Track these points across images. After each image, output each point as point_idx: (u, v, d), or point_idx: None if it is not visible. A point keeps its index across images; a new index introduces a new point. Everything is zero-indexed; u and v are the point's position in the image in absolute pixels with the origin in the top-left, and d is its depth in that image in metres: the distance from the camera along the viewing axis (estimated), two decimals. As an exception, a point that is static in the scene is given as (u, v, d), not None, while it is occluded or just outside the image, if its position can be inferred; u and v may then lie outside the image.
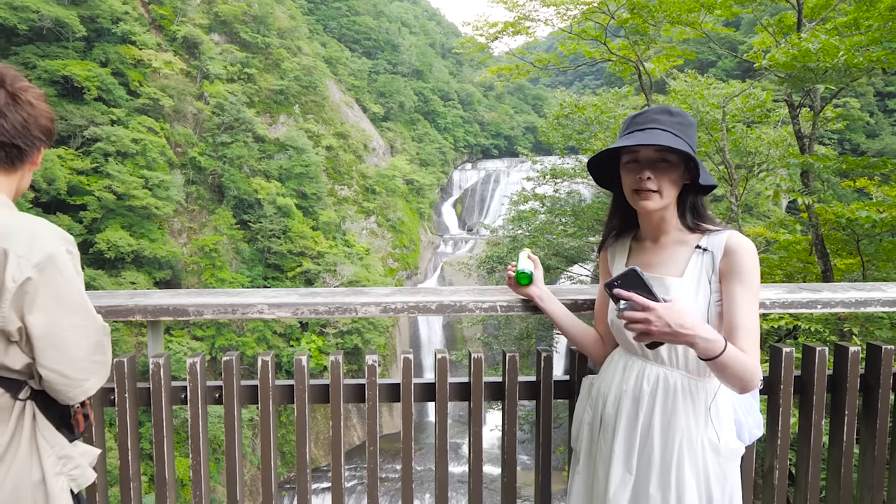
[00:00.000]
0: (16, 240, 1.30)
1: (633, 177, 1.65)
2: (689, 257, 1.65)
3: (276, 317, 1.91)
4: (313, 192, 34.06)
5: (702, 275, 1.62)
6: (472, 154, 57.67)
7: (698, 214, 1.69)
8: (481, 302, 1.95)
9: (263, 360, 1.95)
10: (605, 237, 1.90)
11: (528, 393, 2.02)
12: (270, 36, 37.76)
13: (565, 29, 12.47)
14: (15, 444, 1.37)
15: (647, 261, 1.75)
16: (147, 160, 27.86)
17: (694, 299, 1.60)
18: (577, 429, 1.86)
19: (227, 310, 1.91)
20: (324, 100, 39.87)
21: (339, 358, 1.97)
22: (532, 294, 1.98)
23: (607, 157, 1.76)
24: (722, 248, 1.60)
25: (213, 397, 1.97)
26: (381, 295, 2.00)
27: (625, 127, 1.71)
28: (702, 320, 1.46)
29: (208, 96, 32.87)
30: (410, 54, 56.17)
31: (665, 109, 1.66)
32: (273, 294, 2.03)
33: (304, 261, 31.30)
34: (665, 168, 1.62)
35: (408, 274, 38.37)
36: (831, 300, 1.93)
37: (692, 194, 1.69)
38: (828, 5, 9.76)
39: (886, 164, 9.64)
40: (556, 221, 15.09)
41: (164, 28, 33.58)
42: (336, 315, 1.92)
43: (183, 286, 28.26)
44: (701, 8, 10.24)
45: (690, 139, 1.64)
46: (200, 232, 30.50)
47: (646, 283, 1.43)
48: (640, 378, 1.68)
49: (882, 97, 37.75)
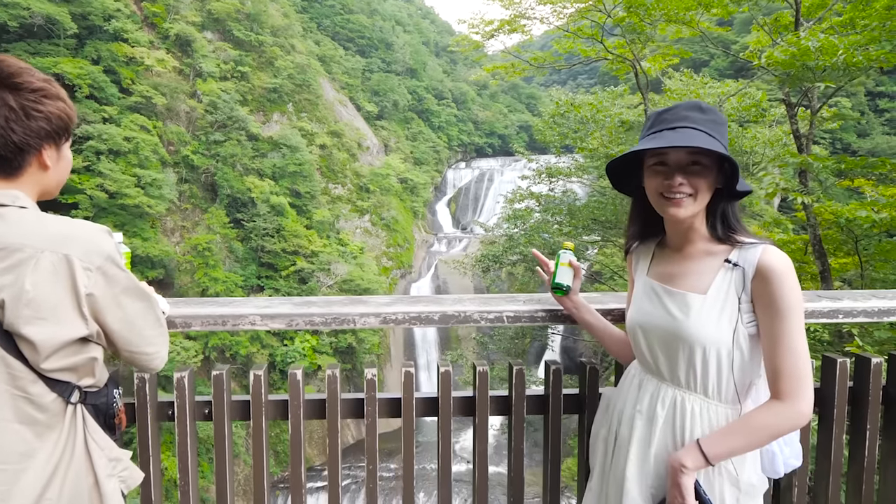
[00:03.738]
0: (74, 245, 1.31)
1: (660, 181, 1.50)
2: (717, 272, 1.50)
3: (270, 328, 1.80)
4: (307, 190, 33.90)
5: (729, 293, 1.47)
6: (466, 153, 57.59)
7: (729, 224, 1.54)
8: (487, 312, 1.84)
9: (256, 374, 1.83)
10: (627, 244, 1.79)
11: (535, 407, 1.93)
12: (264, 34, 37.54)
13: (561, 27, 12.40)
14: (69, 449, 1.36)
15: (668, 271, 1.62)
16: (139, 158, 27.63)
17: (717, 320, 1.46)
18: (594, 444, 1.76)
19: (217, 321, 1.79)
20: (317, 98, 39.69)
21: (336, 372, 1.85)
22: (566, 306, 1.88)
23: (627, 158, 1.61)
24: (754, 266, 1.44)
25: (203, 413, 1.86)
26: (380, 305, 1.89)
27: (649, 124, 1.56)
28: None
29: (201, 94, 32.64)
30: (404, 53, 56.04)
31: (696, 105, 1.50)
32: (266, 304, 1.91)
33: (298, 259, 31.15)
34: (698, 172, 1.47)
35: (402, 273, 38.27)
36: (853, 309, 1.84)
37: (724, 201, 1.54)
38: (824, 5, 9.73)
39: (885, 164, 9.61)
40: (552, 220, 15.05)
41: (157, 25, 33.31)
42: (333, 326, 1.81)
43: (176, 285, 28.08)
44: (698, 6, 10.19)
45: (724, 139, 1.49)
46: (193, 231, 30.29)
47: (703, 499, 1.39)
48: (654, 399, 1.56)
49: (873, 97, 37.93)
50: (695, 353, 1.47)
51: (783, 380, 1.39)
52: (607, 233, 14.50)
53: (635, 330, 1.64)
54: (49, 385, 1.31)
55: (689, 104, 1.50)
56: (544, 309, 1.90)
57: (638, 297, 1.68)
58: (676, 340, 1.50)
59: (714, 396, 1.49)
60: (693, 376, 1.49)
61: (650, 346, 1.59)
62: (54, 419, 1.33)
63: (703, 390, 1.49)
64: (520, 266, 16.21)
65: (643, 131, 1.57)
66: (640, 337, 1.62)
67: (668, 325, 1.53)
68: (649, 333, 1.59)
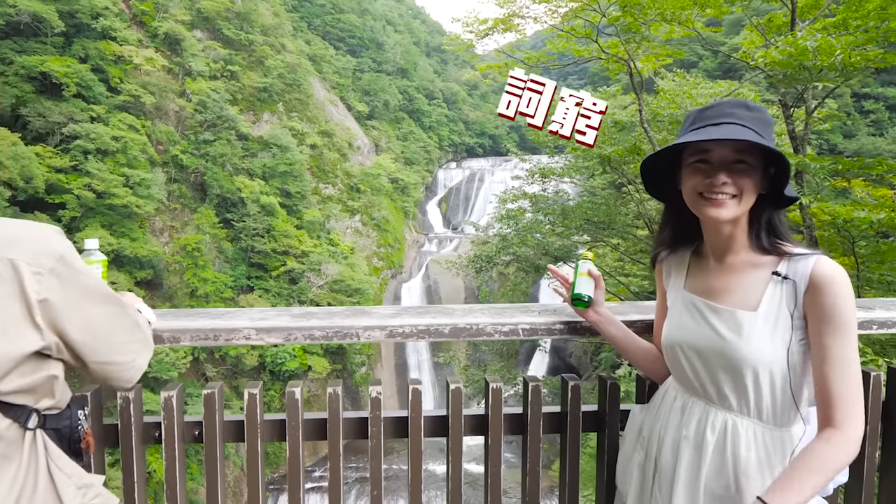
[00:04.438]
0: (19, 248, 1.14)
1: (700, 179, 1.38)
2: (766, 286, 1.38)
3: (266, 342, 1.66)
4: (297, 190, 33.72)
5: (781, 309, 1.35)
6: (457, 153, 57.57)
7: (776, 233, 1.42)
8: (501, 325, 1.71)
9: (251, 392, 1.69)
10: (655, 252, 1.66)
11: (552, 426, 1.80)
12: (254, 33, 37.31)
13: (555, 26, 12.33)
14: (31, 481, 1.19)
15: (710, 285, 1.48)
16: (128, 158, 27.36)
17: (770, 339, 1.34)
18: (625, 468, 1.65)
19: (209, 335, 1.67)
20: (308, 98, 39.51)
21: (339, 390, 1.71)
22: (590, 318, 1.73)
23: (663, 157, 1.48)
24: (807, 279, 1.32)
25: (193, 435, 1.72)
26: (385, 316, 1.76)
27: (689, 121, 1.44)
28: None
29: (190, 93, 32.37)
30: (395, 53, 55.96)
31: (741, 103, 1.38)
32: (261, 316, 1.78)
33: (289, 260, 30.96)
34: (743, 171, 1.35)
35: (393, 273, 38.19)
36: (888, 320, 1.73)
37: (769, 208, 1.42)
38: (818, 5, 9.73)
39: (882, 165, 9.61)
40: (544, 220, 14.98)
41: (146, 24, 33.00)
42: (335, 340, 1.67)
43: (164, 286, 27.83)
44: (694, 5, 10.16)
45: (771, 139, 1.36)
46: (182, 231, 30.05)
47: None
48: (702, 424, 1.43)
49: (858, 98, 38.26)
50: (747, 375, 1.36)
51: (838, 405, 1.27)
52: (599, 233, 14.46)
53: (675, 349, 1.51)
54: (2, 411, 1.15)
55: (733, 101, 1.39)
56: (562, 321, 1.78)
57: (676, 312, 1.55)
58: (727, 362, 1.38)
59: (769, 420, 1.37)
60: (745, 399, 1.38)
61: (693, 367, 1.47)
62: (11, 448, 1.17)
63: (757, 414, 1.38)
64: (512, 266, 16.15)
65: (683, 128, 1.45)
66: (681, 356, 1.49)
67: (716, 346, 1.40)
68: (693, 353, 1.46)
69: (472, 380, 17.52)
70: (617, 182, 16.03)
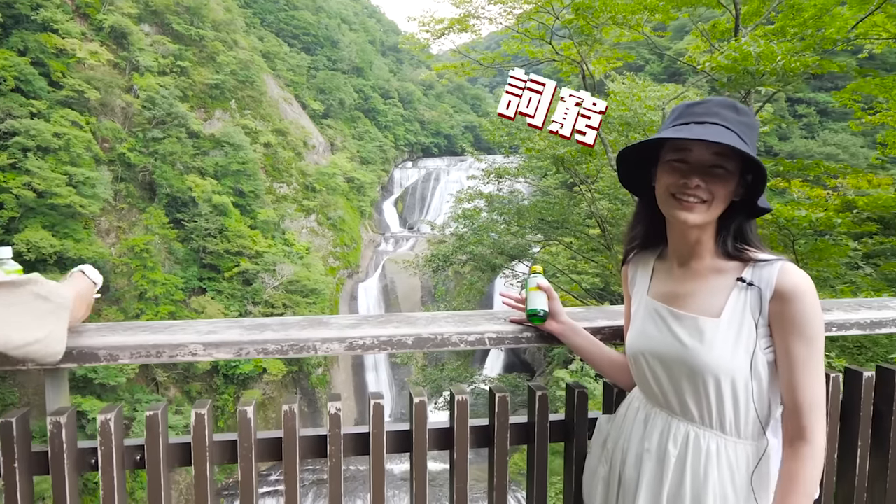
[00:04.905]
0: None
1: (675, 179, 1.32)
2: (729, 292, 1.34)
3: (214, 358, 1.55)
4: (251, 189, 33.05)
5: (745, 317, 1.31)
6: (413, 152, 57.49)
7: (744, 239, 1.38)
8: (466, 334, 1.66)
9: (198, 413, 1.57)
10: (626, 250, 1.60)
11: (519, 437, 1.75)
12: (205, 28, 36.39)
13: (510, 28, 12.42)
14: None
15: (673, 291, 1.44)
16: (71, 156, 26.30)
17: (733, 347, 1.30)
18: (590, 482, 1.61)
19: (151, 352, 1.55)
20: (261, 95, 38.79)
21: (295, 408, 1.61)
22: (553, 330, 1.68)
23: (641, 150, 1.42)
24: (772, 286, 1.28)
25: (134, 460, 1.59)
26: (344, 327, 1.68)
27: (675, 115, 1.38)
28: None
29: (138, 89, 31.33)
30: (350, 51, 55.48)
31: (730, 104, 1.32)
32: (210, 329, 1.66)
33: (242, 260, 30.34)
34: (719, 176, 1.30)
35: (349, 272, 37.88)
36: (846, 322, 1.74)
37: (740, 216, 1.37)
38: (759, 13, 10.05)
39: (820, 167, 9.96)
40: (500, 220, 15.10)
41: (90, 17, 31.76)
42: (290, 354, 1.58)
43: (111, 289, 26.91)
44: (643, 10, 10.37)
45: (754, 146, 1.32)
46: (130, 231, 29.10)
47: None
48: (665, 436, 1.39)
49: (792, 103, 39.87)
50: (709, 385, 1.32)
51: (808, 417, 1.26)
52: (553, 232, 14.65)
53: (638, 357, 1.47)
54: None
55: (721, 101, 1.33)
56: (530, 330, 1.74)
57: (639, 319, 1.50)
58: (688, 370, 1.34)
59: (732, 432, 1.34)
60: (708, 410, 1.34)
61: (656, 377, 1.42)
62: None
63: (720, 426, 1.34)
64: (468, 265, 16.21)
65: (666, 122, 1.40)
66: (644, 365, 1.45)
67: (677, 354, 1.36)
68: (655, 362, 1.42)
69: (429, 379, 17.49)
70: (569, 182, 16.25)
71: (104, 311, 26.40)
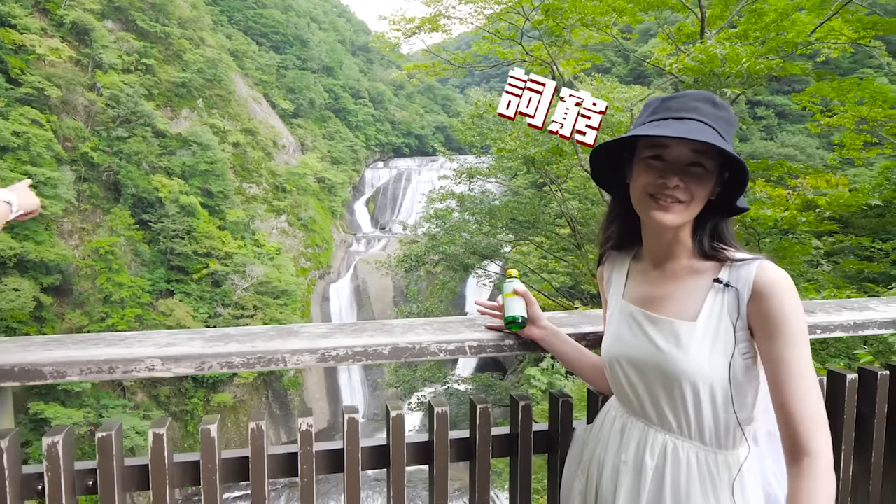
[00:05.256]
0: None
1: (653, 178, 1.25)
2: (705, 294, 1.27)
3: (174, 374, 1.43)
4: (219, 190, 32.56)
5: (722, 319, 1.24)
6: (384, 152, 57.29)
7: (721, 238, 1.31)
8: (446, 343, 1.58)
9: (156, 433, 1.45)
10: (602, 251, 1.53)
11: (501, 449, 1.68)
12: (171, 25, 35.73)
13: (481, 28, 12.50)
14: None
15: (648, 294, 1.38)
16: (31, 155, 25.61)
17: (710, 352, 1.23)
18: (567, 496, 1.55)
19: (103, 367, 1.42)
20: (230, 94, 38.26)
21: (262, 425, 1.51)
22: (534, 336, 1.62)
23: (615, 147, 1.35)
24: (750, 286, 1.21)
25: (86, 486, 1.46)
26: (316, 337, 1.59)
27: (651, 110, 1.30)
28: None
29: (101, 87, 30.62)
30: (320, 50, 55.04)
31: (707, 97, 1.25)
32: (169, 340, 1.54)
33: (211, 262, 29.88)
34: (698, 176, 1.23)
35: (321, 273, 37.60)
36: (830, 324, 1.73)
37: (717, 215, 1.31)
38: (723, 17, 10.28)
39: (783, 167, 10.20)
40: (471, 220, 15.17)
41: (50, 12, 30.95)
42: (258, 368, 1.47)
43: (75, 292, 26.30)
44: (612, 11, 10.54)
45: (731, 141, 1.26)
46: (94, 233, 28.44)
47: None
48: (642, 447, 1.33)
49: (752, 105, 40.82)
50: (686, 391, 1.25)
51: (809, 428, 1.15)
52: (524, 232, 14.77)
53: (613, 363, 1.41)
54: None
55: (699, 94, 1.26)
56: (511, 336, 1.68)
57: (614, 323, 1.44)
58: (664, 376, 1.28)
59: (712, 442, 1.27)
60: (686, 419, 1.27)
61: (632, 384, 1.36)
62: None
63: (698, 436, 1.27)
64: (440, 265, 16.24)
65: (641, 117, 1.32)
66: (619, 372, 1.39)
67: (653, 359, 1.30)
68: (631, 368, 1.36)
69: (402, 380, 17.48)
70: (539, 182, 16.40)
71: (68, 316, 25.80)
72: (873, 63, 30.09)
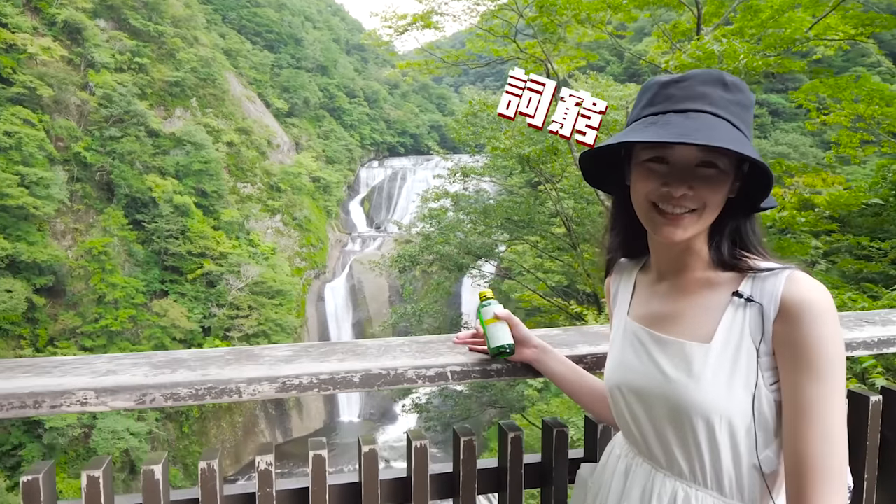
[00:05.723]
0: None
1: (656, 185, 1.04)
2: (722, 310, 1.05)
3: (111, 408, 1.24)
4: (214, 189, 32.44)
5: (743, 341, 1.02)
6: (379, 151, 57.25)
7: (743, 243, 1.09)
8: (425, 368, 1.40)
9: (90, 475, 1.25)
10: (607, 263, 1.35)
11: (489, 484, 1.53)
12: (164, 24, 35.56)
13: (474, 26, 12.42)
14: None
15: (656, 311, 1.17)
16: (23, 155, 25.47)
17: (728, 381, 1.01)
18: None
19: (27, 402, 1.19)
20: (223, 93, 38.11)
21: (215, 464, 1.33)
22: (526, 358, 1.43)
23: (607, 148, 1.13)
24: (777, 301, 0.99)
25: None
26: (277, 361, 1.40)
27: (648, 98, 1.08)
28: None
29: (94, 86, 30.46)
30: (314, 49, 54.96)
31: (716, 78, 1.03)
32: (110, 367, 1.33)
33: (206, 262, 29.77)
34: (710, 178, 1.01)
35: (316, 273, 37.53)
36: (852, 341, 1.55)
37: (738, 215, 1.09)
38: (719, 14, 10.23)
39: (781, 166, 10.16)
40: (466, 219, 15.09)
41: (42, 11, 30.77)
42: (208, 400, 1.28)
43: (68, 293, 26.16)
44: (606, 8, 10.47)
45: (750, 130, 1.04)
46: (87, 233, 28.30)
47: None
48: (647, 494, 1.12)
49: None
50: (698, 430, 1.03)
51: (811, 482, 0.95)
52: (519, 232, 14.69)
53: (614, 392, 1.20)
54: None
55: (706, 75, 1.04)
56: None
57: (617, 345, 1.24)
58: (672, 410, 1.06)
59: (732, 494, 1.04)
60: (699, 462, 1.05)
61: (635, 417, 1.15)
62: None
63: (716, 485, 1.04)
64: (435, 265, 16.15)
65: (637, 108, 1.11)
66: (621, 402, 1.19)
67: (659, 389, 1.09)
68: (633, 398, 1.15)
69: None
70: (534, 181, 16.33)
71: (61, 317, 25.64)
72: (866, 62, 30.12)
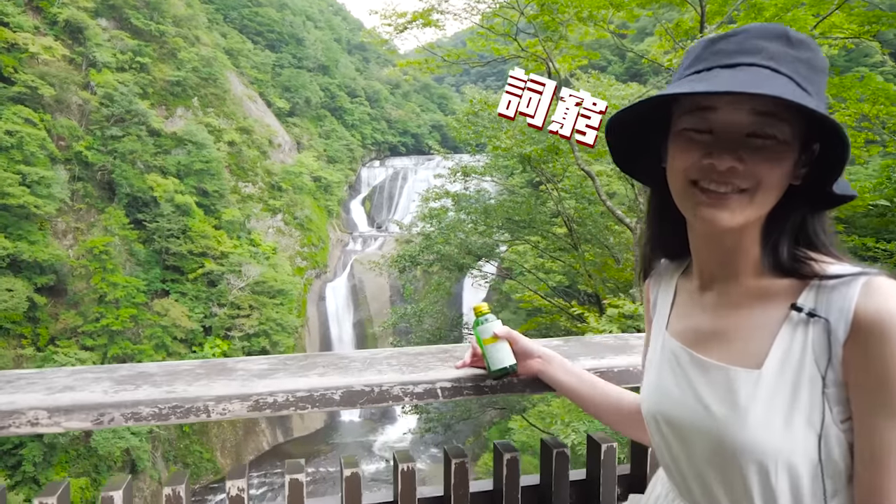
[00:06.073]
0: None
1: (696, 157, 0.84)
2: (778, 328, 0.84)
3: (65, 429, 1.13)
4: (215, 189, 32.44)
5: (803, 367, 0.80)
6: (380, 151, 57.28)
7: (809, 242, 0.87)
8: (413, 385, 1.29)
9: (43, 503, 1.15)
10: (645, 265, 1.11)
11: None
12: (165, 23, 35.58)
13: (475, 24, 12.39)
14: None
15: (698, 326, 0.96)
16: (24, 154, 25.45)
17: (786, 417, 0.80)
18: None
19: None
20: (225, 93, 38.12)
21: (181, 490, 1.25)
22: (531, 370, 1.29)
23: (632, 118, 0.92)
24: (849, 318, 0.77)
25: None
26: (251, 376, 1.29)
27: (690, 58, 0.88)
28: None
29: (95, 86, 30.46)
30: (316, 49, 54.99)
31: (779, 32, 0.81)
32: (68, 382, 1.23)
33: (207, 262, 29.76)
34: (766, 150, 0.80)
35: (317, 272, 37.54)
36: None
37: (804, 208, 0.87)
38: (722, 12, 10.20)
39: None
40: (467, 219, 15.06)
41: (43, 10, 30.80)
42: (172, 420, 1.19)
43: (69, 292, 26.16)
44: (608, 6, 10.43)
45: (822, 98, 0.83)
46: (88, 232, 28.30)
47: None
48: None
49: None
50: (748, 476, 0.83)
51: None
52: (520, 232, 14.66)
53: (650, 422, 1.01)
54: None
55: (765, 28, 0.82)
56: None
57: (654, 366, 1.03)
58: (715, 451, 0.87)
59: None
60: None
61: (673, 454, 0.96)
62: None
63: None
64: (436, 265, 16.13)
65: (679, 71, 0.90)
66: (657, 435, 1.00)
67: (702, 424, 0.88)
68: (670, 431, 0.95)
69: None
70: (535, 181, 16.30)
71: (62, 316, 25.65)
72: (869, 61, 30.05)
